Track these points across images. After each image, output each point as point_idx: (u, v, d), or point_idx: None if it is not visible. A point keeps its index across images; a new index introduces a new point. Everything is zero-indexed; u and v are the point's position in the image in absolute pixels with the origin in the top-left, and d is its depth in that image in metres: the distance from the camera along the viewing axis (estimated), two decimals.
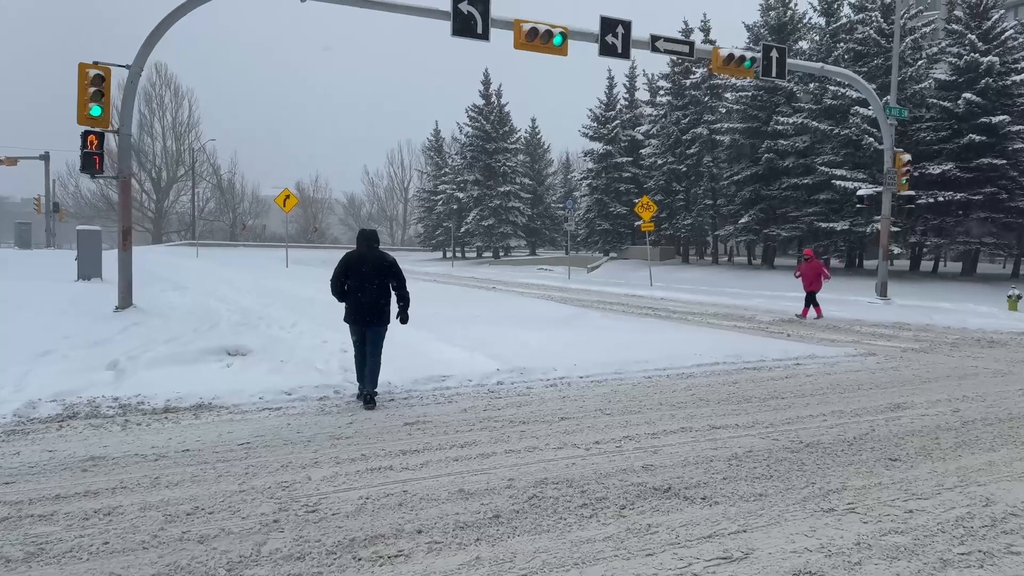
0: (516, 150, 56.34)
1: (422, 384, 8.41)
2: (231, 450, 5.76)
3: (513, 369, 9.12)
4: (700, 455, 5.67)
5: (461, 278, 35.59)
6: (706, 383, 8.78)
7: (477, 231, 53.91)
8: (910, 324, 16.29)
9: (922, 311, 19.38)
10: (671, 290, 26.80)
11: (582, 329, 12.86)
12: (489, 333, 12.19)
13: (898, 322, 16.65)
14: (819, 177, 31.47)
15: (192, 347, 9.89)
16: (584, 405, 7.51)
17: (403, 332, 12.14)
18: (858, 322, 16.57)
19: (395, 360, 9.41)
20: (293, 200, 31.68)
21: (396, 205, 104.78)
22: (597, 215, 45.69)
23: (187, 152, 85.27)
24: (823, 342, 12.73)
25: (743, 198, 35.33)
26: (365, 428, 6.48)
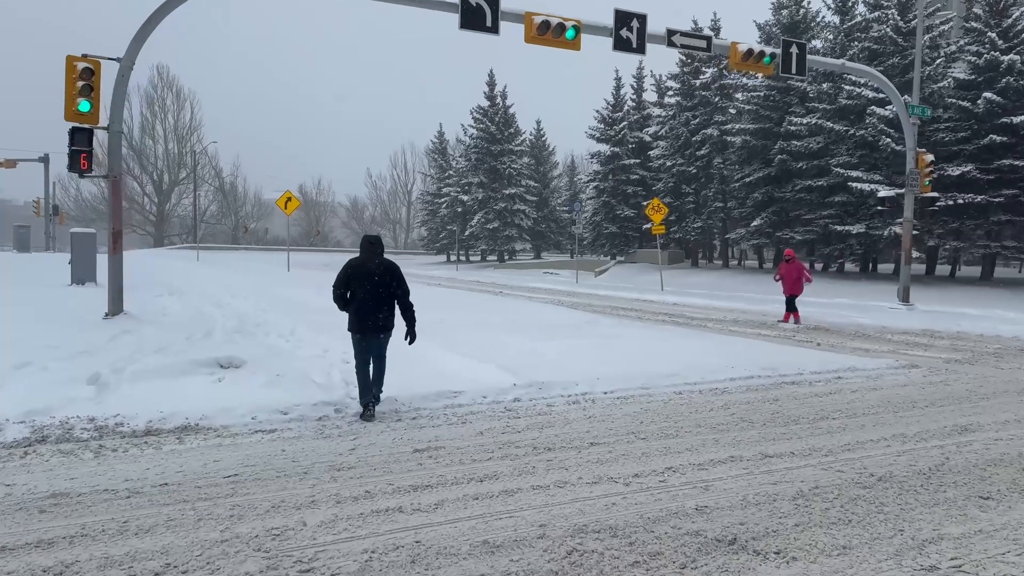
0: (521, 152, 55.57)
1: (431, 401, 7.63)
2: (216, 484, 4.98)
3: (531, 384, 8.33)
4: (759, 493, 4.88)
5: (466, 282, 34.83)
6: (744, 400, 7.99)
7: (482, 234, 53.13)
8: (940, 332, 15.48)
9: (947, 317, 18.58)
10: (683, 295, 26.00)
11: (598, 337, 12.08)
12: (500, 341, 11.41)
13: (927, 329, 15.84)
14: (834, 179, 30.66)
15: (182, 358, 9.13)
16: (614, 427, 6.72)
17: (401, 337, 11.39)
18: (885, 329, 15.76)
19: (400, 372, 8.64)
20: (295, 202, 30.98)
21: (399, 208, 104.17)
22: (604, 218, 44.92)
23: (189, 155, 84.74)
24: (857, 352, 11.93)
25: (755, 200, 34.52)
26: (369, 455, 5.70)
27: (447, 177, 60.19)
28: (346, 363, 9.13)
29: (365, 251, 7.33)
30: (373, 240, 7.44)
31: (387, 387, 8.02)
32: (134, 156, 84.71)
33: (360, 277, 7.19)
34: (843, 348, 12.47)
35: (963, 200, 27.34)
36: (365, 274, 7.18)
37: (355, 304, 7.23)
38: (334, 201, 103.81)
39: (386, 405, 7.41)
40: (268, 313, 15.57)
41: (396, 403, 7.49)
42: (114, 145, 13.08)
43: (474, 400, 7.72)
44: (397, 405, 7.45)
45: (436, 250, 65.96)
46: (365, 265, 7.22)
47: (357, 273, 7.21)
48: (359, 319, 7.22)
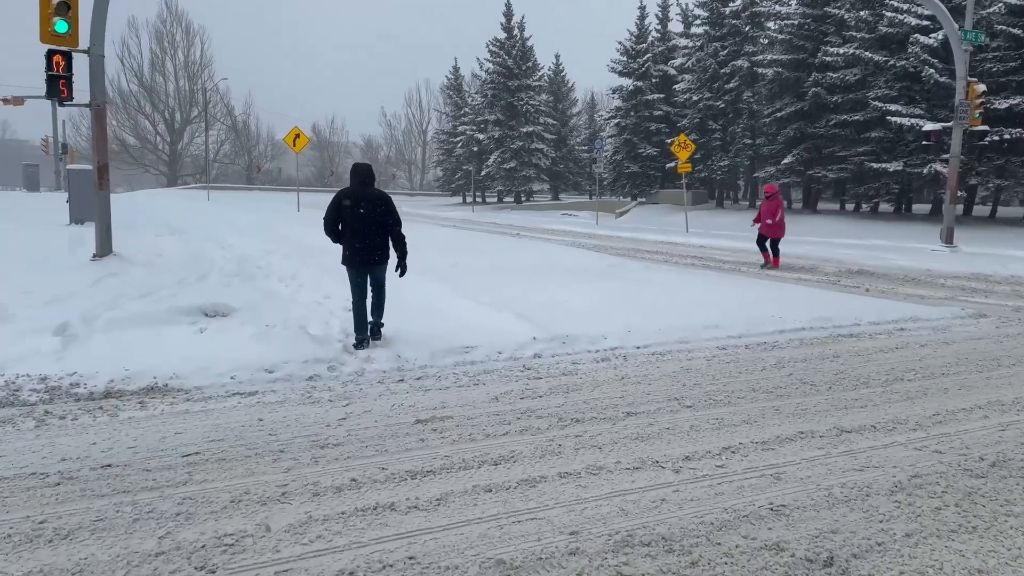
0: (539, 88, 53.49)
1: (440, 357, 6.64)
2: (170, 467, 4.05)
3: (553, 337, 7.31)
4: (846, 484, 3.87)
5: (482, 224, 33.68)
6: (800, 357, 6.93)
7: (498, 174, 51.58)
8: (992, 275, 14.24)
9: (995, 260, 17.28)
10: (710, 237, 24.74)
11: (626, 282, 11.01)
12: (518, 288, 10.38)
13: (976, 273, 14.61)
14: (871, 113, 28.89)
15: (165, 305, 8.19)
16: (652, 390, 5.71)
17: (418, 288, 10.39)
18: (932, 273, 14.54)
19: (408, 324, 7.68)
20: (303, 140, 29.75)
21: (415, 148, 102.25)
22: (625, 157, 43.23)
23: (200, 92, 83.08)
24: (911, 299, 10.78)
25: (786, 137, 32.80)
26: (362, 427, 4.74)
27: (462, 115, 58.29)
28: (347, 311, 8.16)
29: (355, 181, 7.07)
30: (363, 169, 7.18)
31: (392, 340, 7.09)
32: (145, 94, 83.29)
33: (351, 208, 6.93)
34: (895, 294, 11.33)
35: (1011, 135, 25.61)
36: (356, 205, 6.92)
37: (348, 236, 7.01)
38: (348, 141, 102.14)
39: (389, 362, 6.44)
40: (272, 255, 14.63)
41: (400, 360, 6.52)
42: (96, 70, 11.93)
43: (489, 357, 6.73)
44: (401, 362, 6.48)
45: (452, 191, 64.50)
46: (356, 196, 6.96)
47: (348, 204, 6.94)
48: (352, 252, 7.05)
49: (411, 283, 10.78)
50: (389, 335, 7.34)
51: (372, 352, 6.77)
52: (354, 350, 6.82)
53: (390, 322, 7.63)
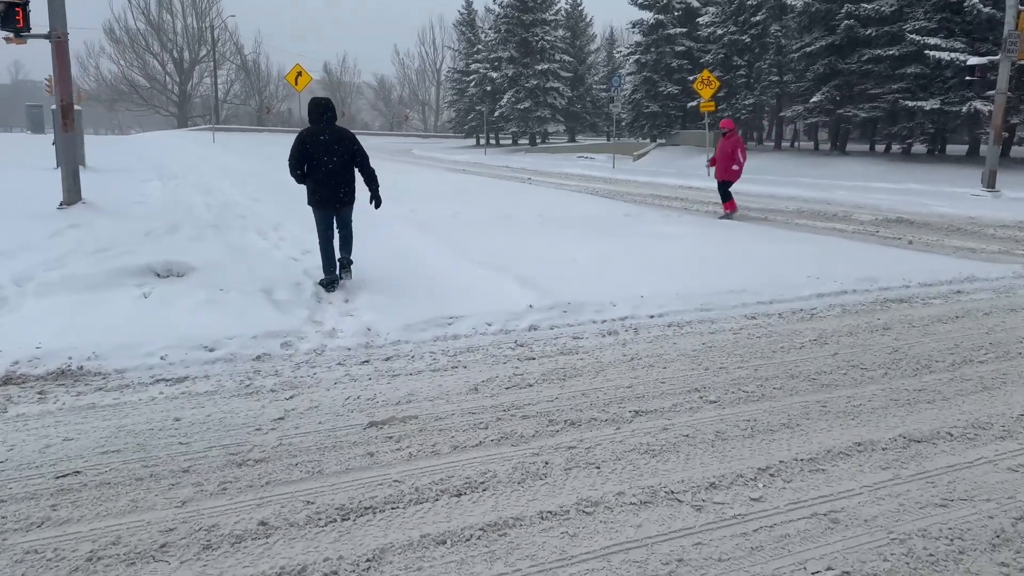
0: (555, 23, 51.18)
1: (418, 331, 5.63)
2: (33, 495, 3.10)
3: (554, 305, 6.27)
4: (928, 533, 2.85)
5: (493, 167, 32.35)
6: (844, 329, 5.85)
7: (512, 115, 49.73)
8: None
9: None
10: None
11: (641, 236, 9.89)
12: (521, 242, 9.32)
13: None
14: (907, 48, 26.96)
15: (115, 264, 7.21)
16: (667, 378, 4.68)
17: (410, 243, 9.35)
18: (976, 221, 13.25)
19: (391, 285, 6.74)
20: (306, 77, 28.29)
21: (428, 88, 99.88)
22: (644, 96, 41.30)
23: (208, 30, 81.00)
24: (961, 253, 9.60)
25: (815, 73, 30.89)
26: (300, 432, 3.76)
27: (475, 52, 56.07)
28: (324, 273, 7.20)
29: (316, 117, 6.74)
30: (323, 103, 6.85)
31: (364, 309, 6.11)
32: (152, 33, 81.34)
33: (315, 147, 6.68)
34: (942, 247, 10.13)
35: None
36: (320, 143, 6.67)
37: (313, 176, 6.78)
38: (360, 81, 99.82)
39: (356, 337, 5.44)
40: (260, 202, 13.63)
41: (370, 334, 5.51)
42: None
43: (476, 329, 5.71)
44: (370, 336, 5.48)
45: (465, 133, 62.66)
46: (320, 134, 6.69)
47: (312, 143, 6.67)
48: (318, 191, 6.83)
49: (403, 237, 9.77)
50: (366, 302, 6.36)
51: (340, 323, 5.78)
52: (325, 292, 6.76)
53: (371, 282, 6.66)
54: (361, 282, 7.14)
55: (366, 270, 7.70)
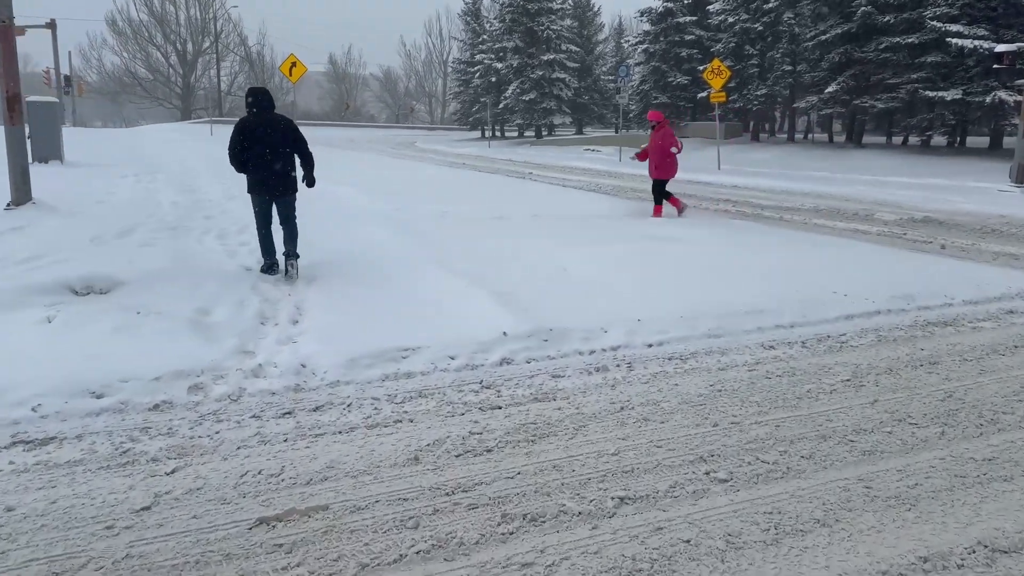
0: (562, 12, 49.91)
1: (364, 367, 4.64)
2: None
3: (534, 331, 5.26)
4: None
5: (496, 161, 31.29)
6: (882, 365, 4.82)
7: (517, 106, 48.50)
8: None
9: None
10: (745, 175, 22.24)
11: (644, 240, 8.86)
12: (509, 248, 8.32)
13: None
14: (927, 35, 25.74)
15: (32, 278, 6.26)
16: (664, 437, 3.68)
17: (384, 249, 8.36)
18: (1008, 221, 12.15)
19: (346, 301, 5.80)
20: (300, 68, 27.25)
21: (435, 80, 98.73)
22: (653, 86, 40.07)
23: (211, 21, 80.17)
24: (1001, 259, 8.53)
25: (830, 62, 29.68)
26: (161, 536, 2.77)
27: (480, 43, 54.84)
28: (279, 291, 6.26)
29: (253, 106, 6.71)
30: (260, 93, 6.82)
31: (310, 334, 5.15)
32: (155, 24, 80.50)
33: (254, 136, 6.66)
34: (978, 252, 9.06)
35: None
36: (258, 132, 6.66)
37: (251, 164, 6.76)
38: (366, 73, 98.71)
39: (285, 377, 4.45)
40: (234, 200, 12.67)
41: (302, 373, 4.53)
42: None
43: (435, 365, 4.71)
44: (303, 376, 4.49)
45: (470, 125, 61.48)
46: (257, 122, 6.69)
47: (250, 132, 6.67)
48: (257, 180, 6.85)
49: (379, 240, 8.79)
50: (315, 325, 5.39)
51: (274, 355, 4.80)
52: (266, 275, 6.91)
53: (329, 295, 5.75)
54: (318, 295, 6.21)
55: (330, 279, 6.78)
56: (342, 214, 11.00)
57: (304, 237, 8.98)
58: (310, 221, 10.20)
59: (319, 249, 8.16)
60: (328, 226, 9.78)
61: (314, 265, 7.42)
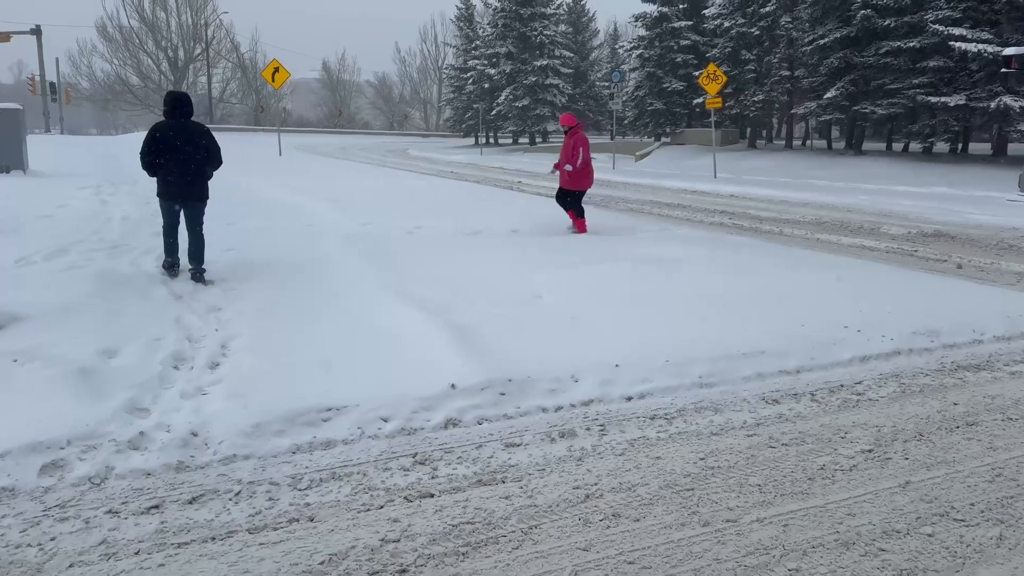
0: (556, 17, 49.17)
1: (272, 434, 3.76)
2: None
3: (490, 382, 4.37)
4: None
5: (487, 169, 30.47)
6: (907, 425, 3.95)
7: (510, 113, 47.69)
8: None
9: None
10: (742, 183, 21.42)
11: (631, 261, 7.98)
12: (480, 271, 7.46)
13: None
14: (928, 39, 24.96)
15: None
16: (640, 546, 2.80)
17: (334, 271, 7.49)
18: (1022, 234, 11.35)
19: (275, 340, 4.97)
20: (283, 73, 26.54)
21: (430, 86, 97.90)
22: (648, 92, 39.27)
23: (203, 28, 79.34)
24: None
25: (829, 67, 28.86)
26: None
27: (473, 48, 54.02)
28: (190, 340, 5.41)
29: (170, 111, 6.76)
30: (179, 97, 6.96)
31: (221, 385, 4.28)
32: (146, 30, 79.61)
33: (168, 140, 6.69)
34: (999, 273, 8.22)
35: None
36: (173, 137, 6.69)
37: (163, 169, 6.77)
38: (361, 80, 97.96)
39: (169, 450, 3.56)
40: None
41: (195, 442, 3.65)
42: None
43: (362, 430, 3.84)
44: (193, 447, 3.61)
45: (463, 132, 60.66)
46: (173, 128, 6.73)
47: (164, 136, 6.69)
48: (167, 184, 6.86)
49: (339, 264, 7.87)
50: (236, 364, 4.53)
51: (168, 416, 3.92)
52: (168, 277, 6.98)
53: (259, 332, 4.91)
54: (252, 328, 5.37)
55: (273, 308, 5.96)
56: (309, 231, 10.15)
57: (260, 258, 8.16)
58: (271, 240, 9.36)
59: (271, 273, 7.32)
60: (289, 245, 8.92)
61: (262, 289, 6.58)
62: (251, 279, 7.06)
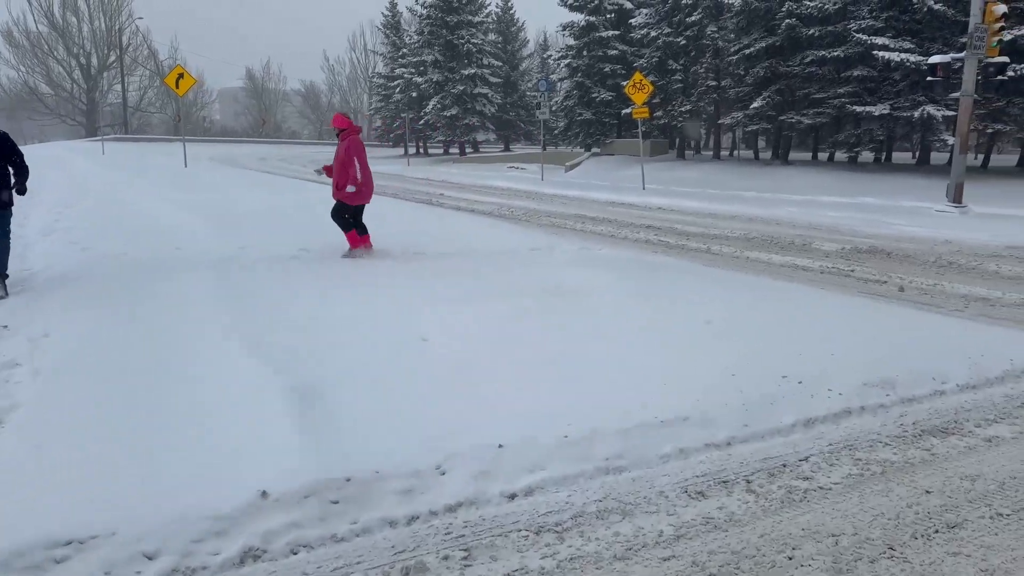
0: (484, 26, 48.26)
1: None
2: None
3: (315, 487, 3.17)
4: None
5: (410, 180, 29.23)
6: (871, 530, 2.96)
7: (439, 122, 46.48)
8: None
9: (1021, 224, 13.72)
10: (670, 195, 20.77)
11: (542, 294, 6.88)
12: (357, 307, 6.28)
13: (1011, 245, 10.97)
14: (852, 48, 24.97)
15: None
16: None
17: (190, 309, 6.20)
18: (957, 248, 10.82)
19: (55, 424, 3.65)
20: (189, 80, 24.72)
21: (360, 95, 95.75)
22: (577, 102, 38.63)
23: (118, 33, 75.67)
24: (976, 306, 6.95)
25: (755, 77, 28.70)
26: None
27: (401, 56, 52.70)
28: None
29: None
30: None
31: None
32: (57, 36, 75.45)
33: None
34: (944, 297, 7.49)
35: (1016, 72, 21.90)
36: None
37: None
38: (287, 88, 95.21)
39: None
40: (50, 237, 10.27)
41: None
42: None
43: None
44: None
45: (392, 141, 59.15)
46: None
47: None
48: None
49: (190, 302, 6.43)
50: None
51: None
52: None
53: (44, 406, 3.63)
54: (37, 400, 4.07)
55: (76, 365, 4.65)
56: (175, 256, 8.77)
57: (97, 292, 6.77)
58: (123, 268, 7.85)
59: (97, 315, 5.94)
60: (142, 275, 7.55)
61: (75, 338, 5.26)
62: (69, 323, 5.71)
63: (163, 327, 5.59)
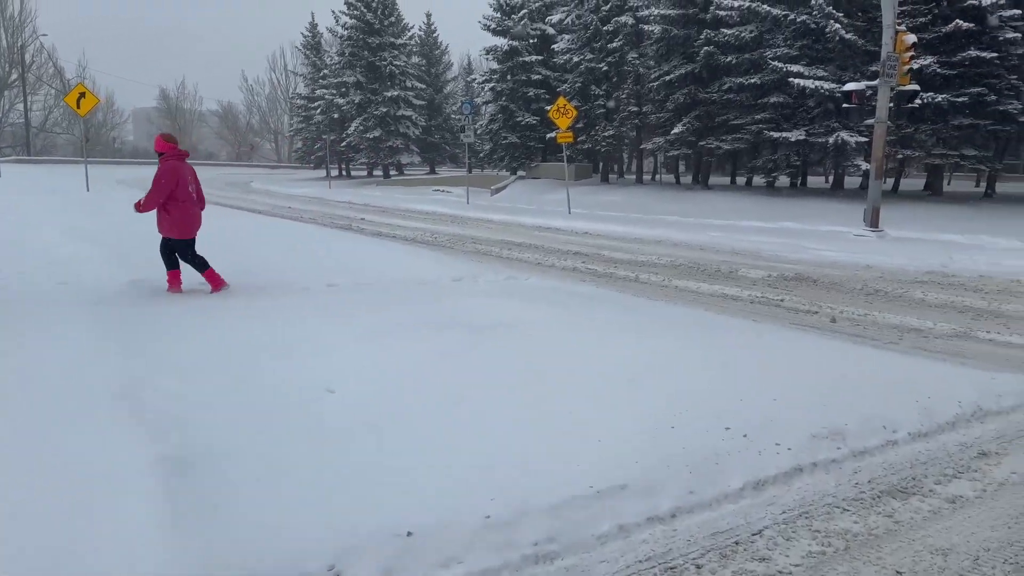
0: (407, 48, 47.76)
1: None
2: None
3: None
4: None
5: (330, 203, 28.31)
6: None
7: (361, 144, 45.61)
8: (956, 273, 10.74)
9: (932, 248, 14.02)
10: (595, 219, 20.61)
11: (463, 331, 6.35)
12: (259, 350, 5.59)
13: (929, 270, 11.09)
14: (769, 75, 25.61)
15: None
16: None
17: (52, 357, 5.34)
18: (879, 272, 10.89)
19: None
20: (91, 100, 23.33)
21: (280, 116, 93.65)
22: (502, 126, 38.53)
23: (20, 50, 71.78)
24: (910, 337, 6.79)
25: (676, 103, 29.13)
26: None
27: (321, 77, 51.66)
28: None
29: None
30: None
31: None
32: None
33: None
34: (877, 328, 7.32)
35: (921, 100, 22.78)
36: None
37: None
38: (203, 108, 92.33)
39: None
40: None
41: None
42: None
43: None
44: None
45: (314, 163, 57.79)
46: None
47: None
48: None
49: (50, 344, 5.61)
50: None
51: None
52: None
53: None
54: None
55: None
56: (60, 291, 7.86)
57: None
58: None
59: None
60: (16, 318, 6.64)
61: None
62: None
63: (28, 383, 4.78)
